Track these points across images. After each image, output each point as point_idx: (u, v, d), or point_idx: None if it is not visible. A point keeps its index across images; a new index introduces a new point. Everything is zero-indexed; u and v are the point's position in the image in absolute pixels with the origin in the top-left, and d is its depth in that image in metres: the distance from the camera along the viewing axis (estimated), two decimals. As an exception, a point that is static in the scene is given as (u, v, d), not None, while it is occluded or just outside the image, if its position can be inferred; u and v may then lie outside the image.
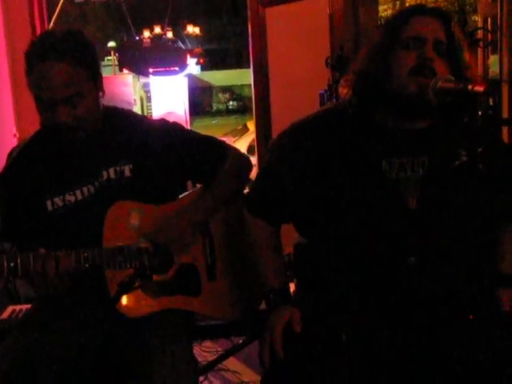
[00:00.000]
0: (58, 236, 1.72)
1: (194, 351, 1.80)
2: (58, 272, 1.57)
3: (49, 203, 1.74)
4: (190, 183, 2.06)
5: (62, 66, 1.63)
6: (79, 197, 1.75)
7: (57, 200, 1.74)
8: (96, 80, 1.74)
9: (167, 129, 1.90)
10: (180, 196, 1.92)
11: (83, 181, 1.76)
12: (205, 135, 1.97)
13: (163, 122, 1.95)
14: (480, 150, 1.44)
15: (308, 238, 1.77)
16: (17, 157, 1.82)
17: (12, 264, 1.55)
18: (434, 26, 1.56)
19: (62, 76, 1.63)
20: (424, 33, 1.55)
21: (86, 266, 1.61)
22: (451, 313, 1.57)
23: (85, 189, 1.76)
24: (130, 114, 1.92)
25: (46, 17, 4.33)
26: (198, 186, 1.97)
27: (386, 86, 1.55)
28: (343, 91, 1.64)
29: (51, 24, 4.62)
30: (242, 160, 1.97)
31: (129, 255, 1.67)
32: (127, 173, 1.78)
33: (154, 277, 1.73)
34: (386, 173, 1.58)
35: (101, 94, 1.78)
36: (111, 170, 1.77)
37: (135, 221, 1.74)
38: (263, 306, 1.79)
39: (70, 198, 1.75)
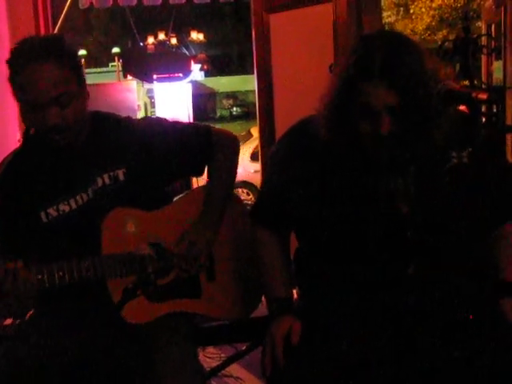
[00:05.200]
0: (55, 246, 1.70)
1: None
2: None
3: (43, 214, 1.72)
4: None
5: (49, 66, 1.63)
6: (73, 206, 1.74)
7: (51, 210, 1.72)
8: (81, 83, 1.72)
9: (152, 125, 1.90)
10: (175, 199, 1.93)
11: (76, 189, 1.75)
12: (189, 122, 2.00)
13: (147, 119, 1.99)
14: (469, 150, 1.45)
15: (305, 246, 1.78)
16: (7, 168, 1.77)
17: None
18: (382, 92, 1.45)
19: (52, 75, 1.63)
20: (373, 104, 1.46)
21: (88, 275, 1.61)
22: (451, 321, 1.57)
23: (78, 197, 1.74)
24: (114, 117, 1.89)
25: (50, 23, 4.35)
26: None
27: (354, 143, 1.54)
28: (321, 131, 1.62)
29: (56, 30, 4.64)
30: (229, 141, 1.99)
31: (130, 262, 1.67)
32: (121, 177, 1.78)
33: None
34: (376, 179, 1.58)
35: (87, 98, 1.76)
36: (105, 176, 1.76)
37: (132, 227, 1.74)
38: (266, 312, 1.79)
39: (65, 207, 1.73)
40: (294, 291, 1.82)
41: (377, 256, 1.58)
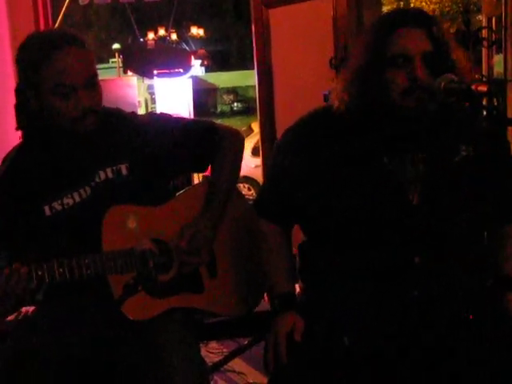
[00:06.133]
0: (56, 240, 1.70)
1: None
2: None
3: (47, 209, 1.71)
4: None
5: (80, 48, 1.66)
6: (77, 199, 1.73)
7: (55, 204, 1.72)
8: None
9: (156, 121, 1.91)
10: (177, 194, 1.92)
11: (80, 182, 1.74)
12: (192, 119, 2.01)
13: (151, 114, 1.99)
14: (477, 142, 1.46)
15: (311, 237, 1.78)
16: (10, 165, 1.77)
17: None
18: (418, 38, 1.52)
19: (85, 56, 1.66)
20: (410, 49, 1.51)
21: (88, 272, 1.61)
22: (455, 314, 1.57)
23: (82, 191, 1.74)
24: (118, 112, 1.89)
25: (50, 19, 4.34)
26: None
27: (381, 102, 1.55)
28: (336, 104, 1.64)
29: (56, 26, 4.63)
30: (234, 136, 1.98)
31: (131, 258, 1.67)
32: (124, 171, 1.78)
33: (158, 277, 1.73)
34: (387, 167, 1.59)
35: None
36: (108, 170, 1.76)
37: (134, 223, 1.73)
38: (268, 307, 1.79)
39: (68, 200, 1.73)
40: (297, 286, 1.83)
41: (386, 243, 1.58)
